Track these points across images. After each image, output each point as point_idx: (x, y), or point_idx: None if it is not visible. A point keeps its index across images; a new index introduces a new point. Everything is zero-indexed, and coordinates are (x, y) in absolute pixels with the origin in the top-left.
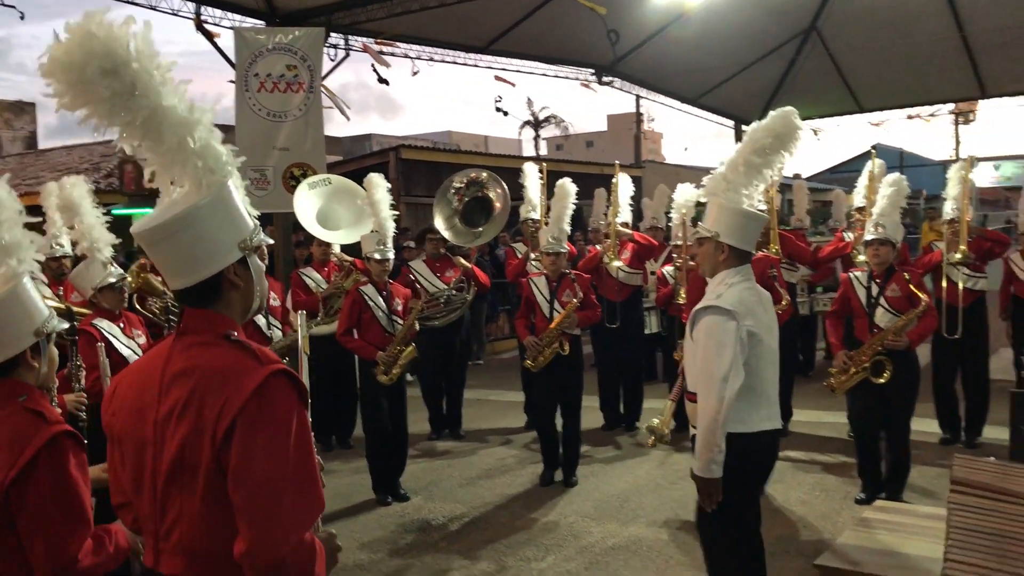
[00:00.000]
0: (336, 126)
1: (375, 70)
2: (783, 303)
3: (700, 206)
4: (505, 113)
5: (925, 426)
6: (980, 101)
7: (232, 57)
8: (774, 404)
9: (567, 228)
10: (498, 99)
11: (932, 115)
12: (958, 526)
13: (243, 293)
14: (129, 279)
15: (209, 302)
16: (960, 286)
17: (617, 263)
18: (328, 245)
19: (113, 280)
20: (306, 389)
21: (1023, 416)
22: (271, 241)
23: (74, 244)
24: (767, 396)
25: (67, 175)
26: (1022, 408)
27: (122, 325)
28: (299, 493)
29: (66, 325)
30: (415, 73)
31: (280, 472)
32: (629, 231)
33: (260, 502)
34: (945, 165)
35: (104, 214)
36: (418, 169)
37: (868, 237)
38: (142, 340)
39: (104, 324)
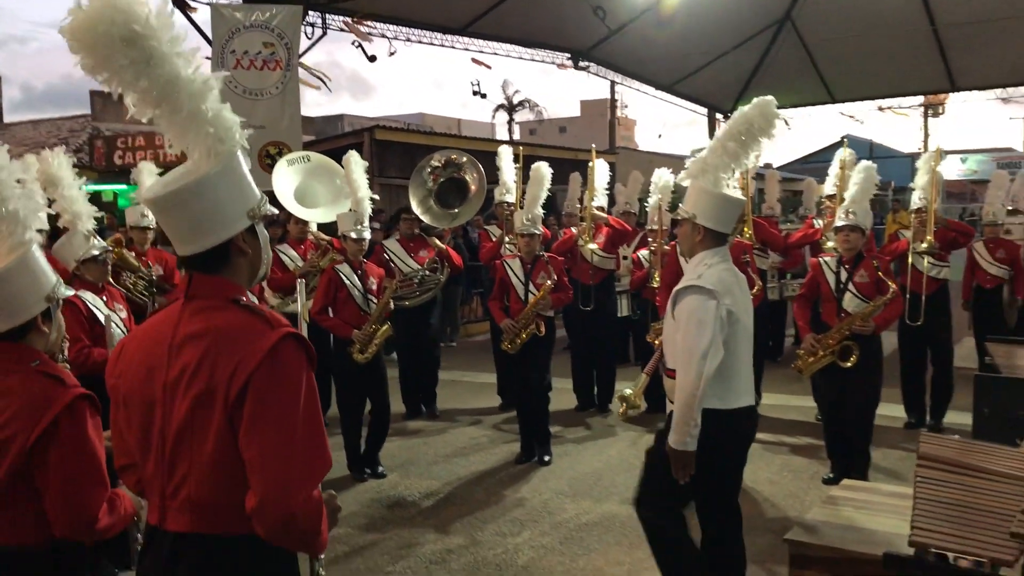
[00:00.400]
0: (308, 106)
1: (362, 49)
2: (755, 288)
3: (676, 192)
4: (483, 96)
5: (891, 411)
6: (949, 95)
7: (208, 34)
8: (749, 380)
9: (541, 212)
10: (475, 83)
11: (905, 108)
12: (924, 497)
13: (251, 260)
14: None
15: (218, 268)
16: (924, 274)
17: (592, 246)
18: (305, 223)
19: (96, 252)
20: (314, 352)
21: (985, 398)
22: (276, 211)
23: (52, 217)
24: (743, 373)
25: (34, 150)
26: (984, 390)
27: (105, 298)
28: (309, 451)
29: (71, 292)
30: (392, 53)
31: (291, 431)
32: (604, 215)
33: (272, 459)
34: (914, 157)
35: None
36: (392, 150)
37: (838, 224)
38: (123, 314)
39: (88, 296)
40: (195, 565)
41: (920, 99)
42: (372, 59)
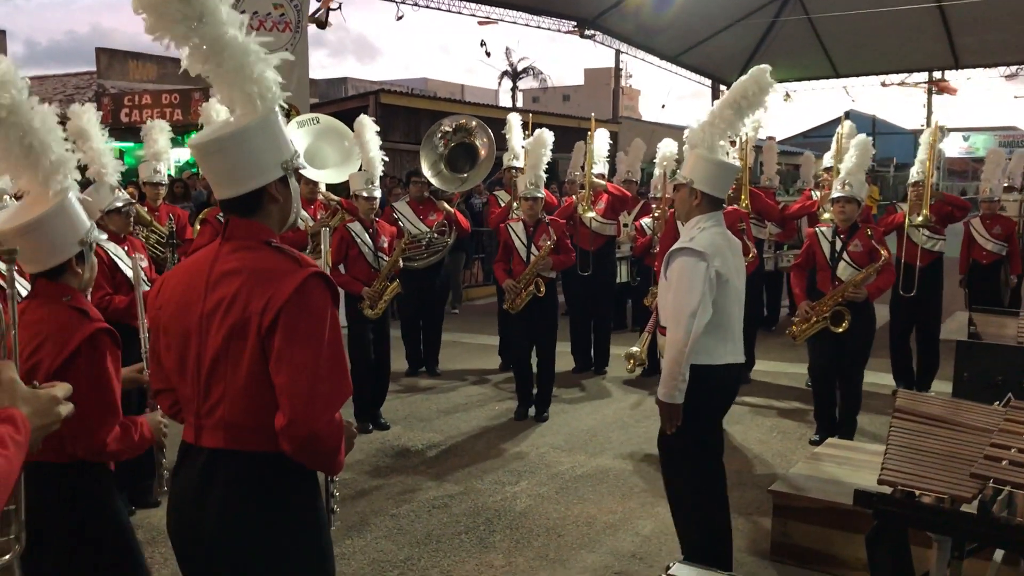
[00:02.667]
0: (311, 69)
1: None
2: (750, 255)
3: (681, 162)
4: (488, 54)
5: (879, 379)
6: (954, 80)
7: None
8: (738, 340)
9: (543, 175)
10: (483, 43)
11: (912, 83)
12: (896, 444)
13: (281, 208)
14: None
15: (252, 212)
16: (919, 246)
17: (591, 213)
18: (315, 184)
19: (120, 204)
20: (338, 291)
21: (966, 363)
22: (306, 165)
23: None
24: (732, 332)
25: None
26: (966, 356)
27: (126, 248)
28: (332, 377)
29: (104, 236)
30: (399, 17)
31: (317, 358)
32: (603, 182)
33: (300, 383)
34: (916, 134)
35: None
36: (397, 115)
37: (835, 195)
38: (144, 263)
39: (110, 246)
40: (227, 478)
41: (924, 76)
42: (321, 26)
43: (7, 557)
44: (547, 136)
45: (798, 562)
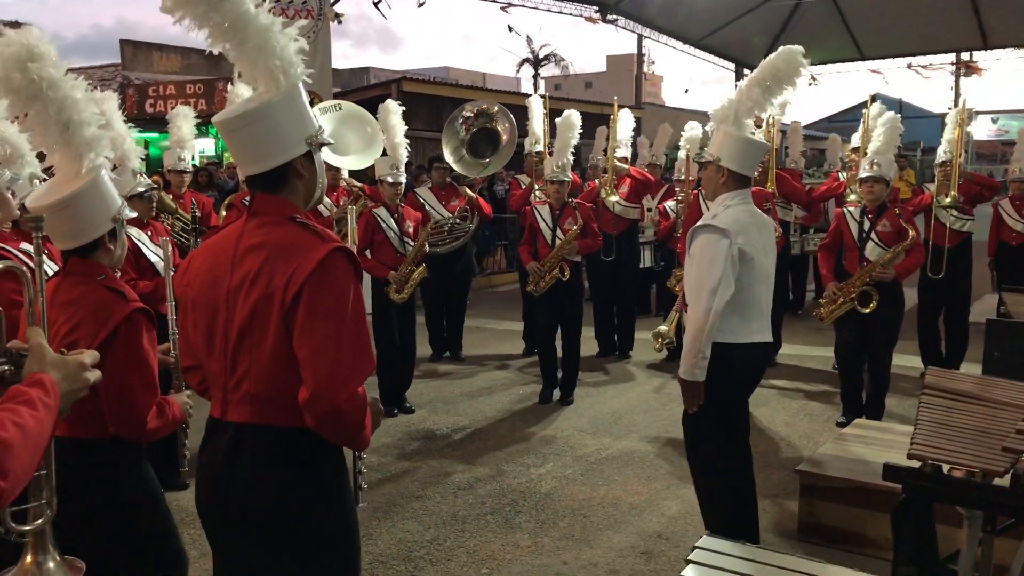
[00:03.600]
0: (334, 59)
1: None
2: (777, 234)
3: (705, 147)
4: (517, 33)
5: (907, 361)
6: (983, 61)
7: None
8: (765, 319)
9: (571, 158)
10: (511, 28)
11: (938, 65)
12: (925, 419)
13: (307, 183)
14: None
15: (277, 188)
16: (948, 227)
17: (614, 197)
18: (337, 170)
19: (142, 190)
20: (360, 265)
21: (996, 342)
22: (332, 142)
23: None
24: (759, 311)
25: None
26: (995, 334)
27: (149, 233)
28: (355, 351)
29: (135, 214)
30: (421, 5)
31: (339, 332)
32: (626, 166)
33: (323, 357)
34: (943, 118)
35: None
36: (419, 103)
37: (863, 175)
38: (169, 248)
39: (133, 231)
40: (253, 452)
41: (951, 57)
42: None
43: (40, 521)
44: (575, 118)
45: (825, 542)
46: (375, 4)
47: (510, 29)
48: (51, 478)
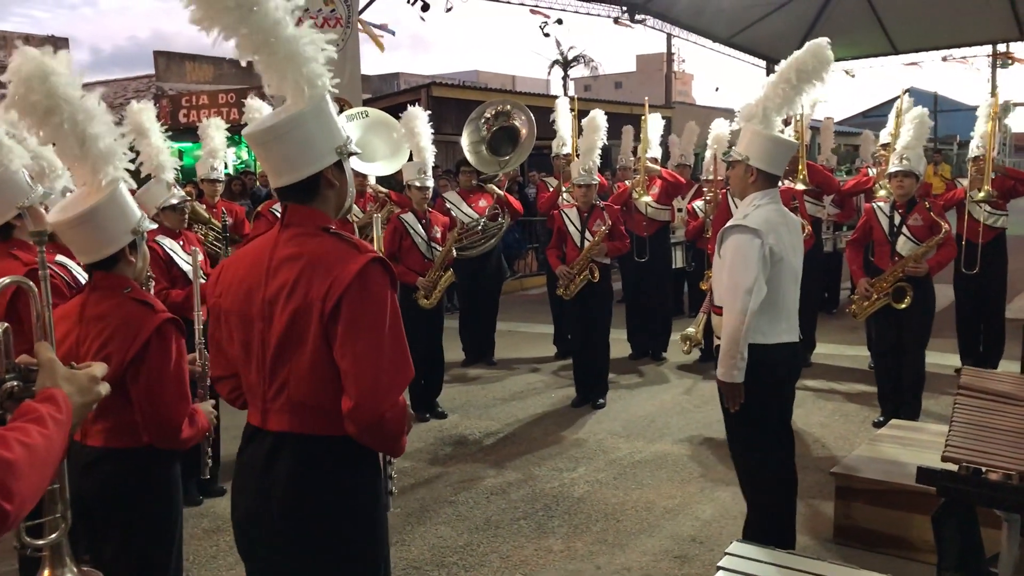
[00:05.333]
0: (364, 65)
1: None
2: (804, 233)
3: (732, 144)
4: (547, 35)
5: (944, 359)
6: (1019, 51)
7: None
8: (793, 318)
9: (597, 160)
10: (542, 24)
11: (973, 57)
12: (960, 421)
13: (338, 192)
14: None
15: (309, 199)
16: (981, 223)
17: (646, 198)
18: (364, 176)
19: (175, 201)
20: (395, 276)
21: None
22: (359, 151)
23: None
24: (787, 310)
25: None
26: None
27: (182, 243)
28: (395, 361)
29: (154, 226)
30: (449, 9)
31: (380, 342)
32: (658, 168)
33: (365, 367)
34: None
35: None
36: (448, 107)
37: (892, 169)
38: (200, 257)
39: (166, 241)
40: (293, 460)
41: (988, 49)
42: (425, 6)
43: (55, 535)
44: (600, 120)
45: (863, 545)
46: (413, 3)
47: (542, 27)
48: (64, 491)
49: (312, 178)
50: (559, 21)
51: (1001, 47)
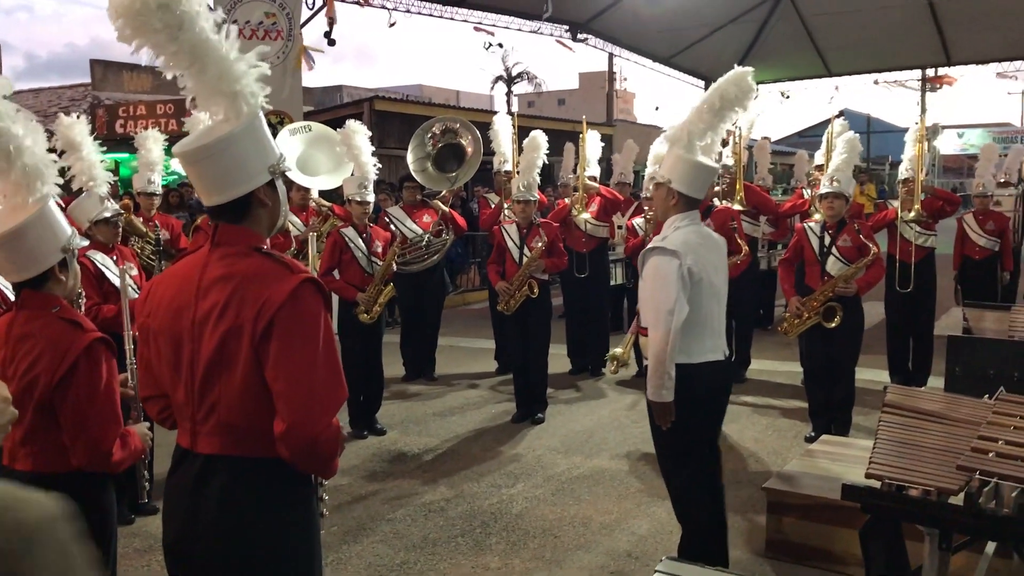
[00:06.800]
0: (306, 77)
1: (329, 25)
2: (742, 253)
3: None
4: (500, 45)
5: (875, 375)
6: (953, 76)
7: (211, 3)
8: (718, 336)
9: (537, 178)
10: (486, 43)
11: (903, 81)
12: (884, 438)
13: (270, 212)
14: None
15: (240, 218)
16: (912, 243)
17: (584, 215)
18: (307, 190)
19: (108, 215)
20: (329, 296)
21: (958, 357)
22: (292, 168)
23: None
24: (711, 329)
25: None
26: (957, 351)
27: (115, 257)
28: (329, 381)
29: (85, 243)
30: (392, 25)
31: (313, 364)
32: (596, 185)
33: (298, 389)
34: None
35: None
36: (392, 121)
37: (823, 191)
38: (134, 272)
39: (98, 256)
40: (222, 483)
41: (917, 73)
42: (331, 43)
43: None
44: (541, 139)
45: (793, 559)
46: (326, 36)
47: (490, 47)
48: None
49: (244, 197)
50: (500, 45)
51: (931, 71)
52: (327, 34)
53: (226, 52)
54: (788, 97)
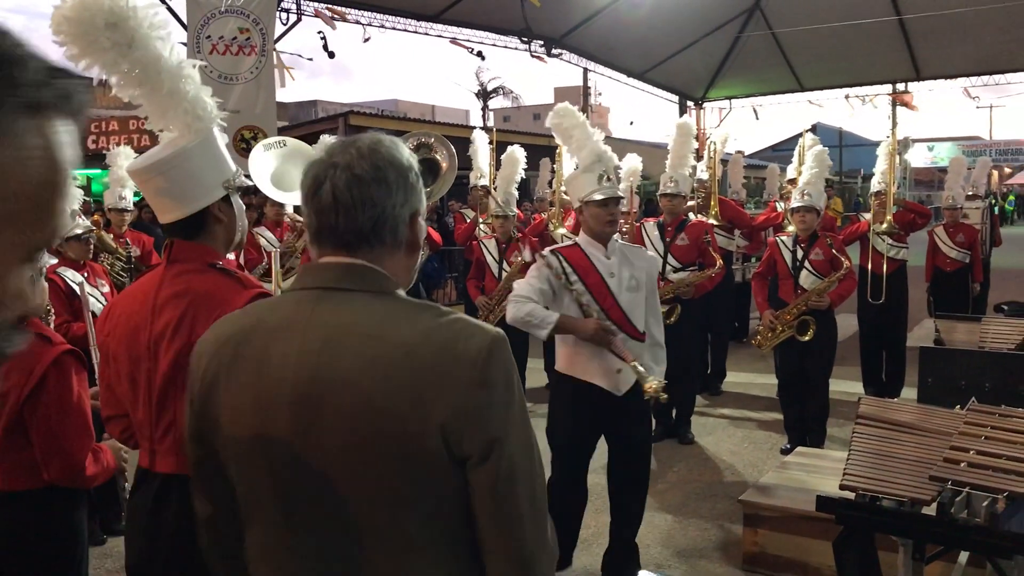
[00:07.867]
0: (281, 92)
1: (323, 39)
2: (716, 267)
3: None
4: (480, 54)
5: (849, 387)
6: (918, 92)
7: (184, 18)
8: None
9: (515, 193)
10: (472, 50)
11: (872, 96)
12: (858, 450)
13: (226, 227)
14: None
15: (196, 235)
16: (884, 255)
17: (561, 230)
18: (281, 206)
19: (80, 231)
20: None
21: (930, 368)
22: (251, 183)
23: None
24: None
25: None
26: (929, 362)
27: (86, 274)
28: None
29: (54, 261)
30: (366, 40)
31: None
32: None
33: None
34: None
35: None
36: None
37: (795, 204)
38: (105, 289)
39: (69, 273)
40: (179, 503)
41: (888, 88)
42: (331, 55)
43: None
44: (519, 154)
45: (771, 571)
46: (324, 48)
47: (479, 54)
48: None
49: (199, 214)
50: (479, 54)
51: (900, 86)
52: (325, 47)
53: (178, 68)
54: (757, 118)
